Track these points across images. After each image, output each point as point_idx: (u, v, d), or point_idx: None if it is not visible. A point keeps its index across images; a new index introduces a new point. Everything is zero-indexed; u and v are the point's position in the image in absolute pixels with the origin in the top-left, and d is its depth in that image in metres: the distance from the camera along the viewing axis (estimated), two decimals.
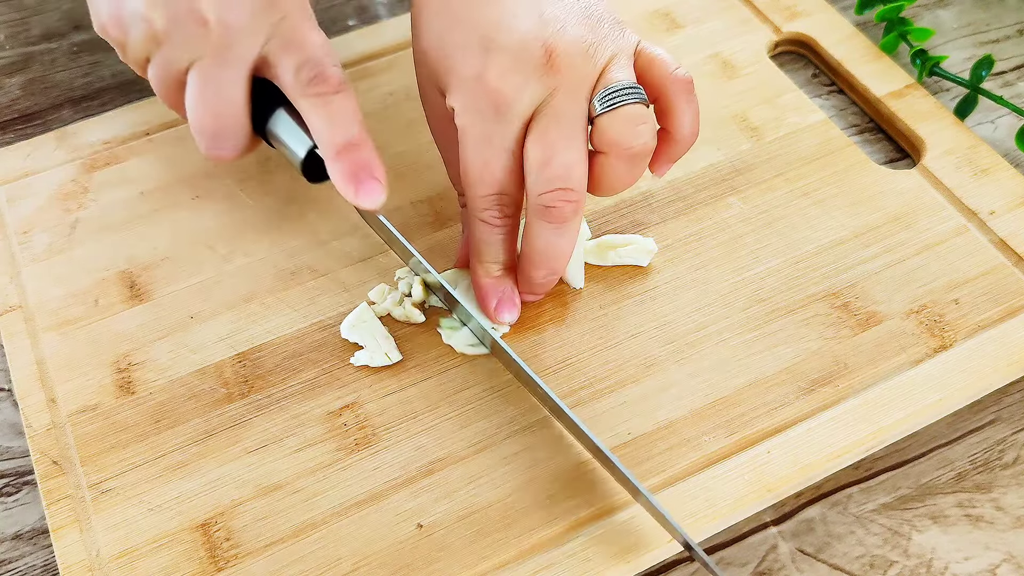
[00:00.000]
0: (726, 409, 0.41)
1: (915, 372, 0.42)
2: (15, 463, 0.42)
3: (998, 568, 0.38)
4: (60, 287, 0.46)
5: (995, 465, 0.41)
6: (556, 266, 0.42)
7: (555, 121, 0.39)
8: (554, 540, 0.38)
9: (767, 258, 0.46)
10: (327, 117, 0.39)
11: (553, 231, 0.40)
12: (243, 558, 0.38)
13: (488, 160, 0.40)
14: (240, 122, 0.40)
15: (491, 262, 0.42)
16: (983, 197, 0.48)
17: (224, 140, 0.40)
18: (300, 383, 0.42)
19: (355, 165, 0.39)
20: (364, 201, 0.39)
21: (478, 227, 0.41)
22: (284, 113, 0.41)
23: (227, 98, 0.39)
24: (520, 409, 0.41)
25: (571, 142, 0.39)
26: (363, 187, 0.39)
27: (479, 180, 0.40)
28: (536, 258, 0.41)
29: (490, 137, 0.39)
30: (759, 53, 0.55)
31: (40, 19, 0.60)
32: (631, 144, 0.38)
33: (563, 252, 0.41)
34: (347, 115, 0.39)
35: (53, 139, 0.52)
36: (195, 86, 0.39)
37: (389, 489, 0.39)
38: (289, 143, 0.41)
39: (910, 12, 0.59)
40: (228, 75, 0.39)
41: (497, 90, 0.39)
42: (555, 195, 0.39)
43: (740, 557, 0.39)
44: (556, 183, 0.39)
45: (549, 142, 0.38)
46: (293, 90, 0.39)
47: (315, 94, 0.39)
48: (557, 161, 0.38)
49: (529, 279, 0.42)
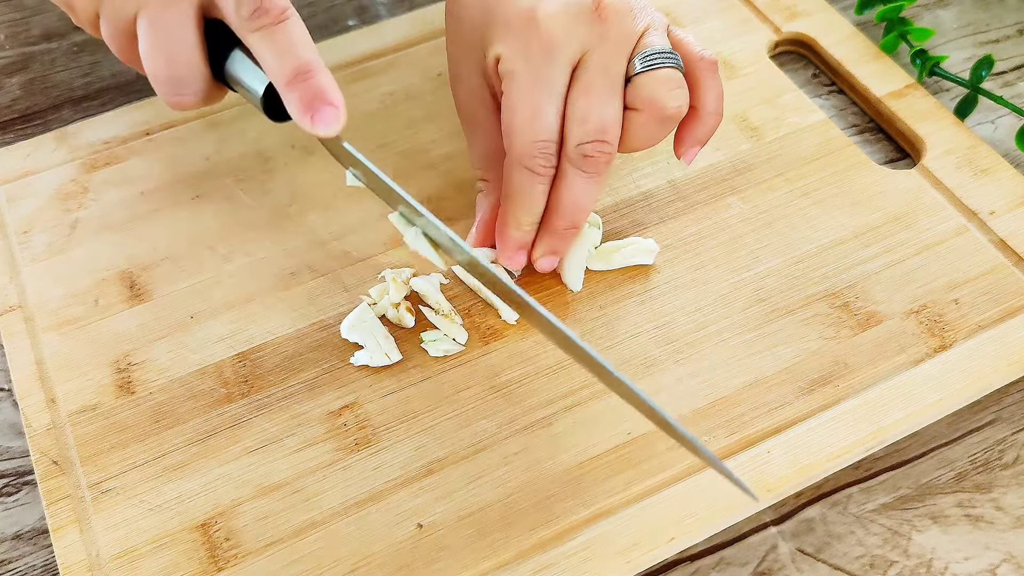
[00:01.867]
0: (726, 409, 0.41)
1: (915, 372, 0.42)
2: (15, 463, 0.42)
3: (998, 568, 0.38)
4: (60, 287, 0.46)
5: (995, 465, 0.41)
6: (579, 218, 0.42)
7: (600, 74, 0.40)
8: (554, 540, 0.38)
9: (767, 258, 0.46)
10: (273, 49, 0.38)
11: (585, 181, 0.41)
12: (243, 558, 0.38)
13: (538, 103, 0.40)
14: (195, 64, 0.39)
15: (525, 214, 0.42)
16: (983, 197, 0.48)
17: (183, 85, 0.40)
18: (300, 383, 0.42)
19: (308, 93, 0.38)
20: (321, 128, 0.38)
21: (521, 175, 0.41)
22: (239, 53, 0.40)
23: (178, 40, 0.39)
24: (520, 409, 0.41)
25: (612, 96, 0.40)
26: (318, 115, 0.38)
27: (528, 125, 0.40)
28: (563, 207, 0.42)
29: (541, 80, 0.40)
30: (759, 53, 0.55)
31: (40, 19, 0.60)
32: (666, 104, 0.40)
33: (588, 203, 0.42)
34: (293, 43, 0.38)
35: (53, 139, 0.52)
36: (145, 33, 0.39)
37: (389, 489, 0.39)
38: (248, 82, 0.40)
39: (910, 12, 0.59)
40: (174, 16, 0.38)
41: (548, 30, 0.40)
42: (594, 146, 0.40)
43: (740, 557, 0.39)
44: (596, 135, 0.40)
45: (594, 94, 0.40)
46: (238, 26, 0.39)
47: (259, 27, 0.38)
48: (598, 113, 0.40)
49: (552, 227, 0.42)
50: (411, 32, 0.56)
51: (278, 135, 0.51)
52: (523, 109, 0.40)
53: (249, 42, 0.39)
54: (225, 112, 0.52)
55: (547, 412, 0.41)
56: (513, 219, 0.42)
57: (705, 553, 0.39)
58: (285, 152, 0.51)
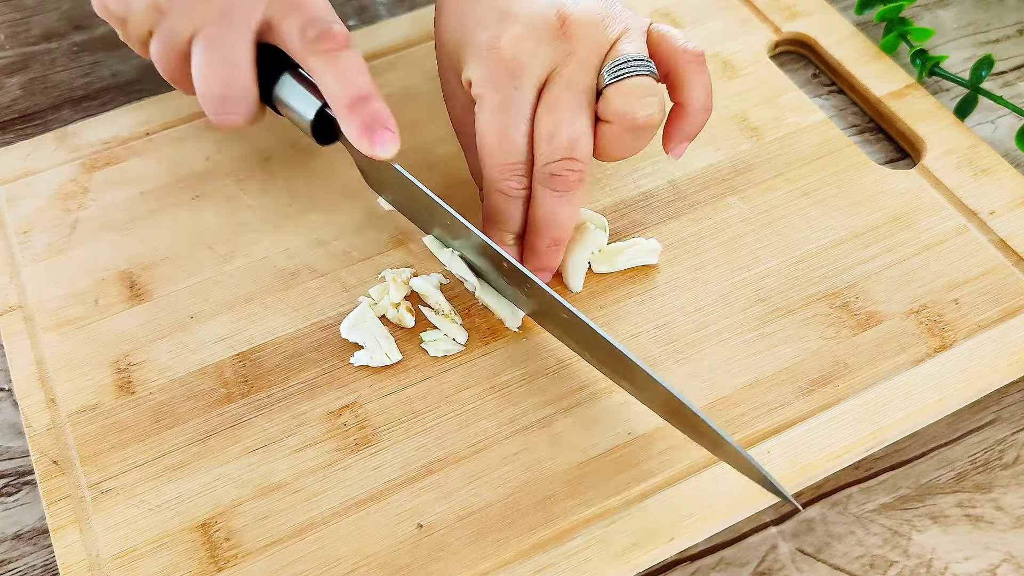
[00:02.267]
0: (726, 409, 0.41)
1: (915, 372, 0.42)
2: (15, 463, 0.42)
3: (998, 568, 0.38)
4: (60, 287, 0.46)
5: (995, 465, 0.41)
6: (559, 235, 0.42)
7: (566, 90, 0.40)
8: (554, 540, 0.38)
9: (767, 258, 0.46)
10: (336, 73, 0.40)
11: (557, 199, 0.41)
12: (243, 558, 0.38)
13: (505, 127, 0.40)
14: (248, 85, 0.41)
15: (505, 231, 0.43)
16: (983, 197, 0.48)
17: (234, 105, 0.41)
18: (300, 383, 0.42)
19: (368, 117, 0.40)
20: (380, 151, 0.40)
21: (495, 197, 0.42)
22: (289, 77, 0.42)
23: (234, 62, 0.40)
24: (520, 409, 0.41)
25: (579, 112, 0.40)
26: (377, 137, 0.39)
27: (496, 148, 0.41)
28: (540, 226, 0.42)
29: (507, 104, 0.40)
30: (759, 53, 0.55)
31: (40, 19, 0.60)
32: (635, 115, 0.39)
33: (566, 221, 0.42)
34: (355, 69, 0.40)
35: (53, 139, 0.52)
36: (201, 53, 0.40)
37: (389, 489, 0.39)
38: (297, 106, 0.42)
39: (910, 12, 0.59)
40: (233, 39, 0.40)
41: (512, 55, 0.40)
42: (561, 164, 0.40)
43: (740, 557, 0.39)
44: (563, 152, 0.40)
45: (559, 111, 0.40)
46: (300, 49, 0.40)
47: (322, 51, 0.39)
48: (565, 131, 0.40)
49: (533, 246, 0.43)
50: (411, 32, 0.56)
51: (278, 135, 0.51)
52: (492, 134, 0.41)
53: (309, 65, 0.40)
54: None
55: (547, 412, 0.41)
56: (496, 236, 0.43)
57: (705, 553, 0.39)
58: (285, 152, 0.51)
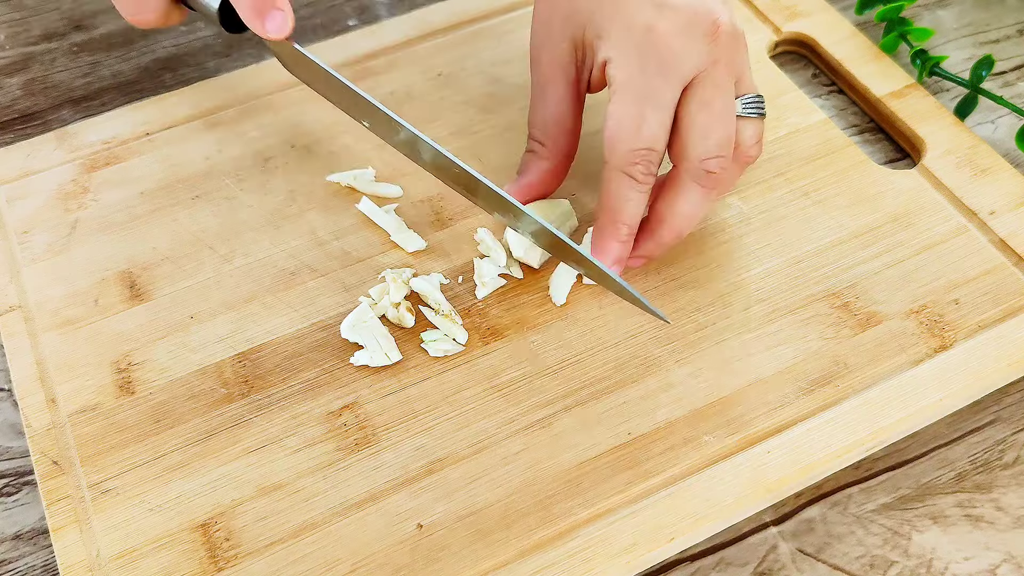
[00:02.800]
0: (726, 409, 0.41)
1: (915, 372, 0.42)
2: (15, 463, 0.42)
3: (998, 568, 0.38)
4: (60, 287, 0.46)
5: (995, 465, 0.41)
6: (686, 229, 0.43)
7: (719, 92, 0.41)
8: (554, 540, 0.38)
9: (767, 258, 0.46)
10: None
11: (703, 195, 0.42)
12: (243, 558, 0.38)
13: (647, 114, 0.40)
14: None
15: (624, 223, 0.42)
16: (983, 197, 0.48)
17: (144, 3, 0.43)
18: (300, 383, 0.42)
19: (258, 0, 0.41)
20: (272, 30, 0.42)
21: (620, 182, 0.41)
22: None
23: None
24: (520, 409, 0.41)
25: (730, 115, 0.41)
26: (268, 18, 0.41)
27: (633, 133, 0.41)
28: (675, 220, 0.42)
29: (652, 92, 0.40)
30: (759, 53, 0.55)
31: (40, 19, 0.60)
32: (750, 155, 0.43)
33: (699, 216, 0.43)
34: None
35: (53, 139, 0.52)
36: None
37: (389, 489, 0.39)
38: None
39: (910, 12, 0.59)
40: None
41: (667, 47, 0.40)
42: (718, 162, 0.41)
43: (740, 557, 0.39)
44: (718, 150, 0.41)
45: (715, 111, 0.41)
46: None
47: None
48: (721, 130, 0.41)
49: (659, 238, 0.43)
50: (411, 32, 0.56)
51: (278, 135, 0.51)
52: (629, 118, 0.40)
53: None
54: (225, 112, 0.52)
55: (547, 412, 0.41)
56: (613, 228, 0.42)
57: (705, 553, 0.39)
58: (285, 152, 0.51)
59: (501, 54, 0.55)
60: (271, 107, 0.52)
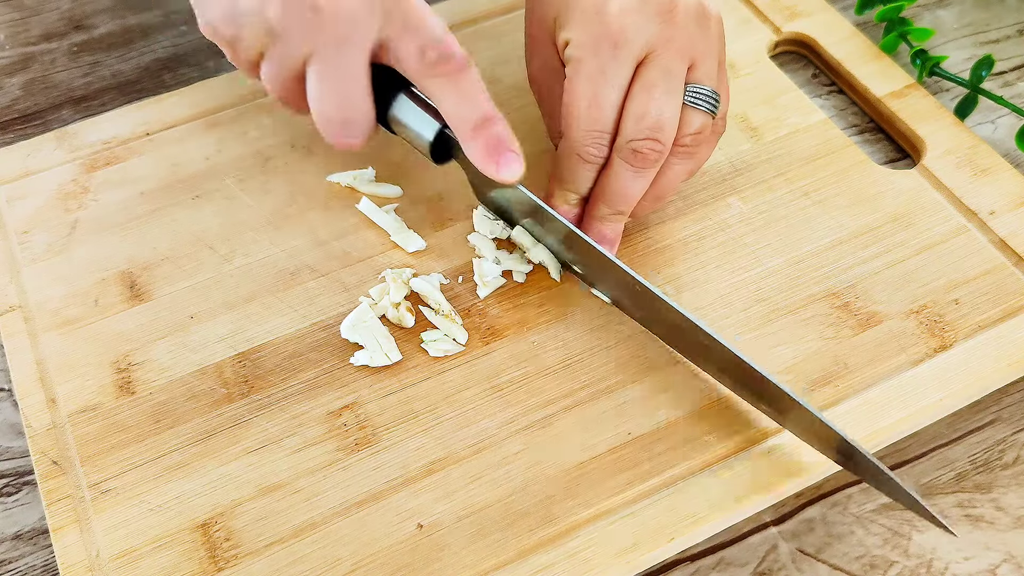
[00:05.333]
0: (726, 409, 0.41)
1: (915, 372, 0.42)
2: (15, 463, 0.42)
3: (998, 568, 0.38)
4: (60, 287, 0.46)
5: (995, 465, 0.41)
6: (623, 208, 0.43)
7: (663, 75, 0.41)
8: (554, 540, 0.38)
9: (767, 258, 0.46)
10: (457, 96, 0.40)
11: (633, 174, 0.42)
12: (243, 558, 0.38)
13: (598, 94, 0.41)
14: (366, 108, 0.41)
15: (572, 191, 0.44)
16: (983, 197, 0.48)
17: (352, 128, 0.41)
18: (300, 383, 0.42)
19: (492, 140, 0.40)
20: (505, 175, 0.40)
21: (572, 160, 0.43)
22: (406, 98, 0.42)
23: (351, 85, 0.40)
24: (520, 409, 0.41)
25: (671, 98, 0.41)
26: (503, 160, 0.40)
27: (585, 113, 0.41)
28: (609, 196, 0.43)
29: (603, 71, 0.41)
30: (759, 53, 0.55)
31: (40, 19, 0.60)
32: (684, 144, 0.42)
33: (634, 196, 0.43)
34: (476, 92, 0.40)
35: (53, 139, 0.52)
36: (317, 77, 0.40)
37: (389, 489, 0.39)
38: (415, 127, 0.42)
39: (910, 12, 0.59)
40: (349, 62, 0.39)
41: (618, 25, 0.41)
42: (645, 143, 0.41)
43: (740, 557, 0.39)
44: (649, 132, 0.41)
45: (655, 93, 0.41)
46: (418, 73, 0.40)
47: (443, 74, 0.39)
48: (655, 113, 0.41)
49: (595, 214, 0.44)
50: None
51: (278, 135, 0.51)
52: (583, 97, 0.41)
53: (429, 88, 0.40)
54: (225, 112, 0.52)
55: (547, 412, 0.41)
56: (561, 195, 0.44)
57: (705, 553, 0.39)
58: (285, 152, 0.51)
59: (500, 54, 0.55)
60: (271, 107, 0.52)
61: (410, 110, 0.42)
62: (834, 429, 0.37)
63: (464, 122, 0.40)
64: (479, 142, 0.40)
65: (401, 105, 0.42)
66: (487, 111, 0.40)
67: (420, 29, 0.39)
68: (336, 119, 0.40)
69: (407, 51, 0.40)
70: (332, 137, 0.41)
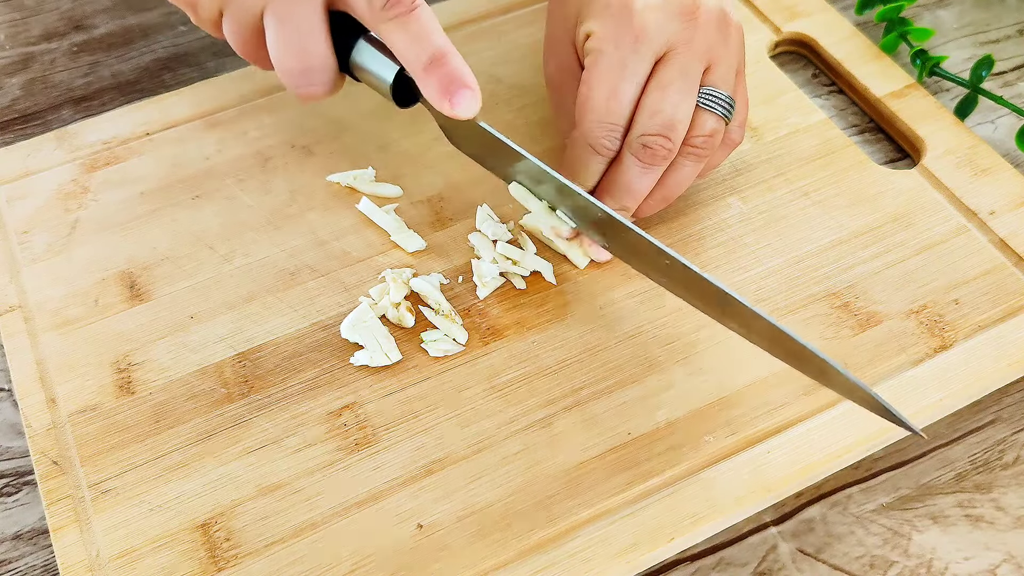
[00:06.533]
0: (726, 409, 0.41)
1: (915, 372, 0.42)
2: (15, 463, 0.42)
3: (998, 568, 0.38)
4: (60, 287, 0.46)
5: (995, 465, 0.41)
6: (628, 204, 0.44)
7: (679, 75, 0.41)
8: (554, 540, 0.38)
9: (767, 258, 0.46)
10: (408, 37, 0.39)
11: (640, 170, 0.42)
12: (243, 558, 0.38)
13: (616, 86, 0.42)
14: (325, 55, 0.41)
15: (580, 184, 0.43)
16: (983, 197, 0.48)
17: (314, 76, 0.41)
18: (300, 383, 0.42)
19: (445, 78, 0.39)
20: (460, 110, 0.40)
21: (583, 151, 0.43)
22: (364, 43, 0.41)
23: (308, 33, 0.40)
24: (520, 409, 0.41)
25: (686, 99, 0.42)
26: (456, 97, 0.39)
27: (602, 105, 0.42)
28: (616, 190, 0.43)
29: (624, 64, 0.41)
30: (759, 53, 0.55)
31: (40, 19, 0.60)
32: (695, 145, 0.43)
33: (640, 192, 0.43)
34: (427, 31, 0.40)
35: (53, 139, 0.52)
36: (273, 28, 0.40)
37: (389, 489, 0.39)
38: (376, 71, 0.41)
39: (910, 12, 0.59)
40: (304, 11, 0.40)
41: (641, 21, 0.41)
42: (656, 139, 0.41)
43: (740, 557, 0.39)
44: (660, 129, 0.41)
45: (670, 91, 0.42)
46: (370, 17, 0.40)
47: (393, 17, 0.39)
48: (670, 112, 0.41)
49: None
50: None
51: (278, 135, 0.51)
52: (601, 89, 0.42)
53: (381, 31, 0.40)
54: (225, 112, 0.52)
55: (547, 412, 0.41)
56: None
57: (705, 553, 0.39)
58: (285, 152, 0.51)
59: (501, 54, 0.55)
60: (271, 107, 0.52)
61: (369, 55, 0.41)
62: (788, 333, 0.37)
63: (416, 62, 0.39)
64: (432, 81, 0.39)
65: (361, 50, 0.41)
66: (437, 48, 0.39)
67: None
68: (296, 69, 0.40)
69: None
70: (295, 88, 0.41)
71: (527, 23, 0.56)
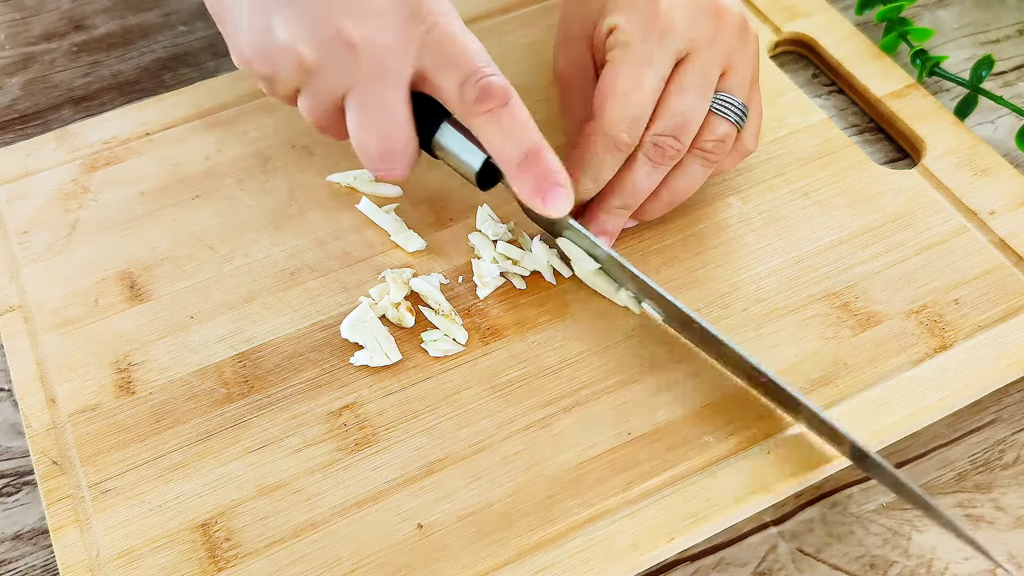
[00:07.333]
0: (726, 409, 0.41)
1: (915, 372, 0.42)
2: (15, 463, 0.42)
3: (998, 568, 0.38)
4: (60, 287, 0.46)
5: (995, 465, 0.41)
6: (632, 201, 0.44)
7: (699, 77, 0.42)
8: (554, 540, 0.38)
9: (767, 258, 0.46)
10: (502, 133, 0.39)
11: (648, 168, 0.43)
12: (243, 558, 0.38)
13: (641, 78, 0.41)
14: (408, 139, 0.40)
15: (591, 180, 0.43)
16: (983, 197, 0.48)
17: (394, 159, 0.40)
18: (300, 383, 0.42)
19: (538, 176, 0.39)
20: (552, 210, 0.39)
21: (600, 144, 0.42)
22: (449, 127, 0.41)
23: (391, 118, 0.39)
24: (520, 409, 0.41)
25: (701, 101, 0.42)
26: (549, 196, 0.39)
27: (626, 96, 0.41)
28: (621, 187, 0.43)
29: (650, 57, 0.41)
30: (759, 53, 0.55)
31: (40, 19, 0.60)
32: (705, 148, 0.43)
33: (644, 191, 0.43)
34: (520, 126, 0.39)
35: (53, 139, 0.52)
36: (356, 112, 0.39)
37: (389, 489, 0.39)
38: (461, 156, 0.41)
39: (910, 12, 0.59)
40: (388, 96, 0.39)
41: (668, 17, 0.41)
42: (667, 139, 0.42)
43: (740, 557, 0.39)
44: (673, 130, 0.42)
45: (688, 95, 0.42)
46: (460, 109, 0.39)
47: (485, 111, 0.39)
48: (685, 114, 0.42)
49: (605, 205, 0.44)
50: None
51: (278, 135, 0.51)
52: (625, 80, 0.41)
53: (472, 125, 0.39)
54: (225, 112, 0.52)
55: (547, 412, 0.41)
56: (579, 184, 0.43)
57: (705, 553, 0.39)
58: (285, 152, 0.51)
59: (500, 54, 0.54)
60: (271, 107, 0.52)
61: (455, 140, 0.41)
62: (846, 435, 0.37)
63: (509, 159, 0.39)
64: (525, 179, 0.39)
65: (445, 134, 0.41)
66: (531, 145, 0.39)
67: (458, 62, 0.39)
68: (376, 152, 0.40)
69: (446, 86, 0.39)
70: (374, 169, 0.41)
71: (527, 23, 0.56)
